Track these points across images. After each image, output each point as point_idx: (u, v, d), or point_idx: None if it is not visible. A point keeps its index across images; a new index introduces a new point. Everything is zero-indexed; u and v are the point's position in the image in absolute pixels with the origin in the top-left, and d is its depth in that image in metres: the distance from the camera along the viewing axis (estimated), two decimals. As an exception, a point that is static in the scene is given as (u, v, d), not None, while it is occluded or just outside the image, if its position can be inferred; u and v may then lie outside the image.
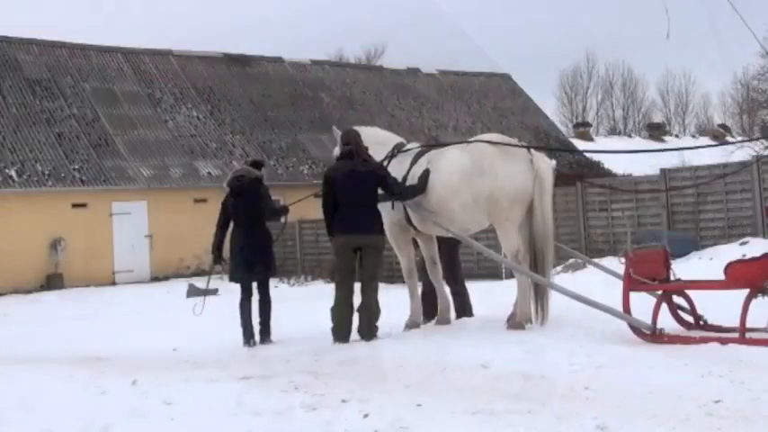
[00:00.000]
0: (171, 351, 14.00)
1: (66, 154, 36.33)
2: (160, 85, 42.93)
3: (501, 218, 11.70)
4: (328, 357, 11.32)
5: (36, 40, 41.94)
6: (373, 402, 8.46)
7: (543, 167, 11.71)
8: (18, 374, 12.29)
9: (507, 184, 11.53)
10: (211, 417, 8.45)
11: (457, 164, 11.94)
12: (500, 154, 11.72)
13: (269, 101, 45.40)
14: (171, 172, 37.83)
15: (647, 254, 11.03)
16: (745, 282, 10.03)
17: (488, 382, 9.17)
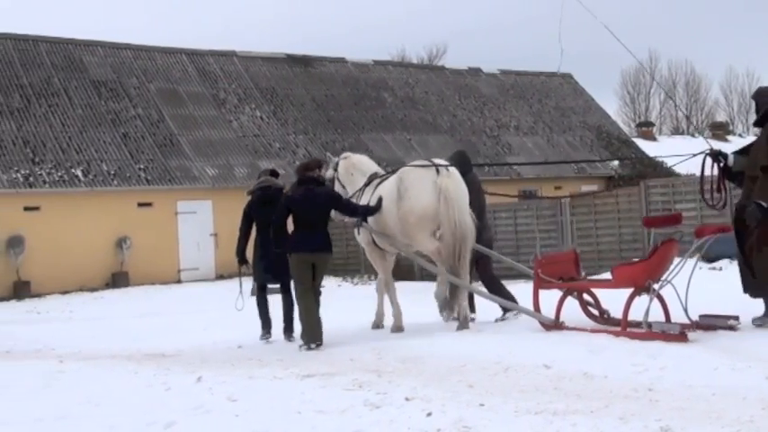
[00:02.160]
0: (236, 348, 14.09)
1: (131, 154, 36.64)
2: (224, 85, 43.15)
3: (411, 232, 13.33)
4: (391, 355, 11.34)
5: (101, 42, 42.32)
6: (436, 401, 8.46)
7: (448, 183, 13.07)
8: (83, 371, 12.44)
9: (415, 205, 13.15)
10: (275, 414, 8.48)
11: (388, 190, 13.72)
12: (412, 178, 13.37)
13: (332, 101, 45.48)
14: (235, 171, 37.99)
15: (557, 256, 12.92)
16: (628, 281, 11.41)
17: (551, 382, 9.14)
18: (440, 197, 12.99)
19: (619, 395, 8.34)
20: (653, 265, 11.43)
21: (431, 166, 13.42)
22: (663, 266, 11.48)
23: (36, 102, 36.97)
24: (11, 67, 38.13)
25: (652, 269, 11.40)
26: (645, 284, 11.28)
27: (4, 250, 32.59)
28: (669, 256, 11.53)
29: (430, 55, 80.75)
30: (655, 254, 11.48)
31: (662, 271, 11.47)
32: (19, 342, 18.47)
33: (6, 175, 33.22)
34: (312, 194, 13.34)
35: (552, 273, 12.30)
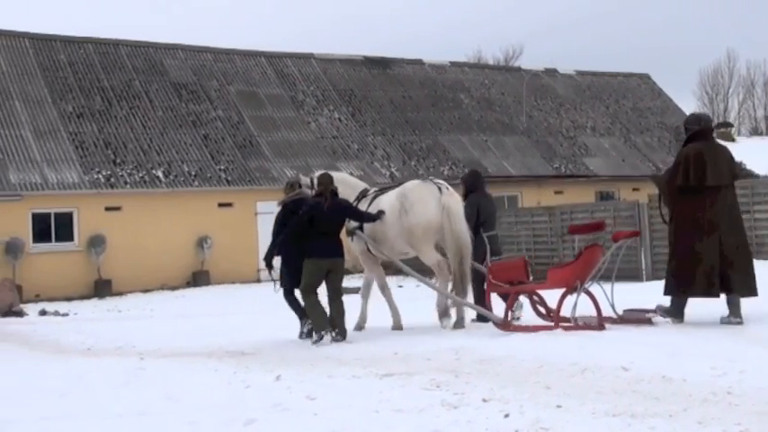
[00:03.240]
0: (314, 347, 14.12)
1: (211, 155, 36.96)
2: (303, 87, 43.38)
3: (418, 243, 14.95)
4: (468, 356, 11.31)
5: (181, 45, 42.79)
6: (514, 402, 8.42)
7: (450, 202, 14.73)
8: (164, 368, 12.55)
9: (422, 219, 14.78)
10: (354, 413, 8.49)
11: (390, 204, 15.17)
12: (418, 195, 14.95)
13: (409, 102, 45.50)
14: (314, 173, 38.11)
15: (507, 263, 14.29)
16: (560, 282, 13.00)
17: (629, 384, 9.05)
18: (443, 213, 14.62)
19: (697, 399, 8.23)
20: (579, 267, 12.98)
21: (433, 184, 15.07)
22: (589, 268, 12.98)
23: (117, 104, 37.48)
24: (92, 70, 38.71)
25: (579, 271, 12.94)
26: (574, 284, 12.87)
27: (86, 249, 33.06)
28: (594, 259, 13.05)
29: (506, 56, 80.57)
30: (580, 257, 13.10)
31: (588, 272, 12.97)
32: (100, 339, 18.70)
33: (88, 176, 33.70)
34: (333, 204, 14.61)
35: (503, 278, 13.76)
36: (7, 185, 32.15)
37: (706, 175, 12.57)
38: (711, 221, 12.55)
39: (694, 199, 12.66)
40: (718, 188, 12.68)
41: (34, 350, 18.02)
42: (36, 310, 27.61)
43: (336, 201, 14.73)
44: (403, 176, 39.41)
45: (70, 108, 36.36)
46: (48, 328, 22.49)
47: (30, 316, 26.56)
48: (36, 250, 32.60)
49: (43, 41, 39.24)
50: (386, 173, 39.45)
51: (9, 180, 32.34)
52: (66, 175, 33.48)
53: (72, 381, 11.69)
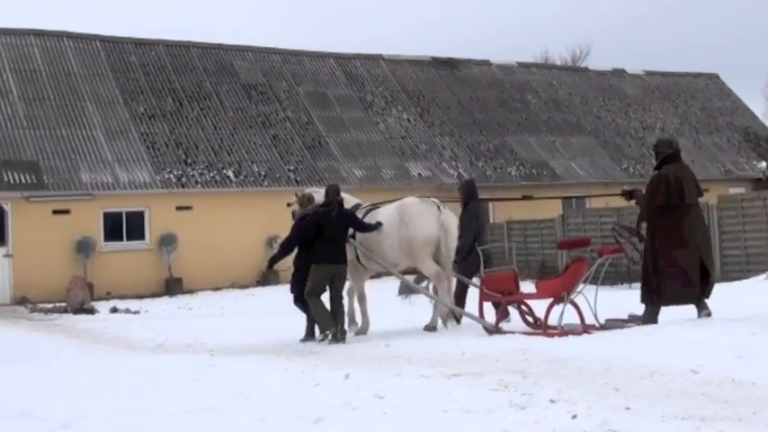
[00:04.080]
0: (383, 346, 14.16)
1: (281, 155, 37.14)
2: (371, 88, 43.45)
3: (417, 255, 16.12)
4: (536, 357, 11.28)
5: (251, 47, 43.01)
6: (582, 404, 8.38)
7: (448, 220, 16.23)
8: (234, 366, 12.63)
9: (421, 233, 16.03)
10: (422, 412, 8.49)
11: (388, 217, 16.33)
12: (417, 210, 16.20)
13: (477, 103, 45.40)
14: (383, 173, 38.20)
15: (499, 275, 15.32)
16: (548, 293, 14.23)
17: (698, 387, 8.98)
18: (441, 230, 16.09)
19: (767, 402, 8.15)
20: (567, 279, 14.12)
21: (432, 203, 16.45)
22: (575, 280, 14.11)
23: (188, 105, 37.78)
24: (164, 71, 39.06)
25: (566, 283, 14.05)
26: (561, 295, 13.99)
27: (157, 248, 33.39)
28: (580, 272, 14.15)
29: (573, 56, 79.92)
30: (567, 270, 14.29)
31: (575, 284, 14.11)
32: (171, 337, 18.90)
33: (160, 175, 34.02)
34: (339, 214, 15.86)
35: (494, 288, 14.91)
36: (79, 185, 32.54)
37: (684, 194, 13.95)
38: (689, 236, 13.86)
39: (674, 216, 13.88)
40: (691, 206, 14.10)
41: (105, 347, 18.26)
42: (107, 307, 27.90)
43: (342, 210, 16.01)
44: (470, 176, 39.43)
45: (141, 109, 36.71)
46: (119, 325, 22.78)
47: (101, 313, 26.88)
48: (107, 249, 32.95)
49: (114, 43, 39.62)
50: (453, 173, 39.40)
51: (81, 180, 32.73)
52: (137, 174, 33.81)
53: (143, 377, 11.81)
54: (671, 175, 14.02)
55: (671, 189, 13.92)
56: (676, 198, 13.90)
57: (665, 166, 14.23)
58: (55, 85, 36.13)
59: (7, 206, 31.53)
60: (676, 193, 13.92)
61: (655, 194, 14.02)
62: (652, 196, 14.07)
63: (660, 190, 13.96)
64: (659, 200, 13.92)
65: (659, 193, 13.95)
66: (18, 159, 32.47)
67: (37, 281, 30.97)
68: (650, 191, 14.17)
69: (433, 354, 12.62)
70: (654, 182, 14.17)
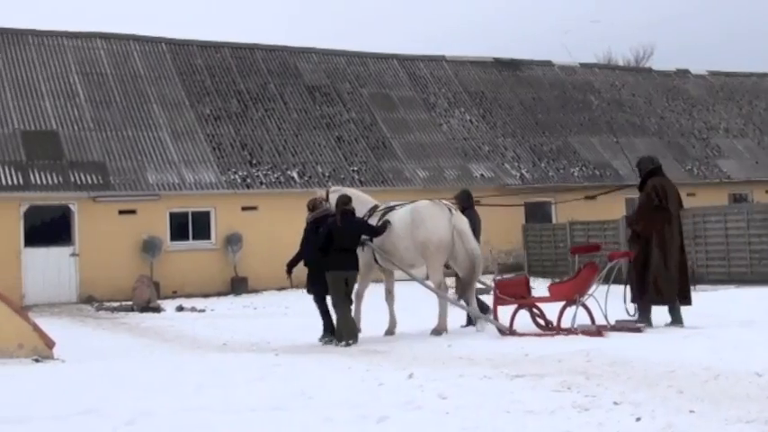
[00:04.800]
0: (446, 347, 14.16)
1: (345, 156, 37.22)
2: (434, 89, 43.40)
3: (430, 258, 16.48)
4: (600, 359, 11.22)
5: (315, 49, 43.12)
6: (645, 406, 8.34)
7: (459, 223, 16.58)
8: (298, 365, 12.70)
9: (433, 235, 16.37)
10: (485, 413, 8.49)
11: (402, 219, 16.77)
12: (429, 213, 16.60)
13: (539, 104, 45.18)
14: (446, 174, 38.13)
15: (512, 280, 16.56)
16: (560, 296, 15.10)
17: (763, 390, 8.89)
18: (454, 233, 16.42)
19: (835, 406, 8.06)
20: (579, 283, 15.00)
21: (443, 205, 16.84)
22: (587, 284, 14.94)
23: (253, 106, 37.99)
24: (229, 73, 39.30)
25: (578, 286, 14.93)
26: (573, 298, 14.79)
27: (223, 248, 33.61)
28: (591, 276, 14.98)
29: (636, 56, 79.20)
30: (579, 274, 15.15)
31: (586, 287, 14.91)
32: (236, 335, 19.04)
33: (225, 176, 34.24)
34: (350, 223, 16.41)
35: (508, 293, 15.62)
36: (146, 185, 32.85)
37: (667, 201, 15.58)
38: (670, 241, 15.47)
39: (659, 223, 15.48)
40: (672, 215, 15.67)
41: (171, 345, 18.42)
42: (173, 306, 28.12)
43: (350, 219, 16.47)
44: (533, 178, 39.29)
45: (207, 110, 36.97)
46: (184, 323, 22.97)
47: (167, 312, 27.11)
48: (173, 248, 33.21)
49: (180, 46, 39.95)
50: (516, 174, 39.28)
51: (147, 180, 33.02)
52: (203, 175, 34.04)
53: (208, 375, 11.91)
54: (657, 185, 15.74)
55: (658, 194, 15.58)
56: (664, 201, 15.57)
57: (650, 179, 15.95)
58: (121, 88, 36.49)
59: (74, 206, 31.87)
60: (661, 200, 15.57)
61: (649, 198, 15.65)
62: (647, 200, 15.70)
63: (652, 195, 15.60)
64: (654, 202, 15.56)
65: (651, 197, 15.61)
66: (85, 160, 32.83)
67: (103, 280, 31.32)
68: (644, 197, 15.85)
69: (496, 354, 12.61)
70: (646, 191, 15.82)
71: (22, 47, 36.47)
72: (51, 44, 37.19)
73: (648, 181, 15.91)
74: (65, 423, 9.13)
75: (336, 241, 16.24)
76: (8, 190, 30.83)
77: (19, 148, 32.30)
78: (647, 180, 15.97)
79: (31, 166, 31.76)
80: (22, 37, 36.94)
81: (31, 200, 31.30)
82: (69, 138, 33.45)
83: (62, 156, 32.60)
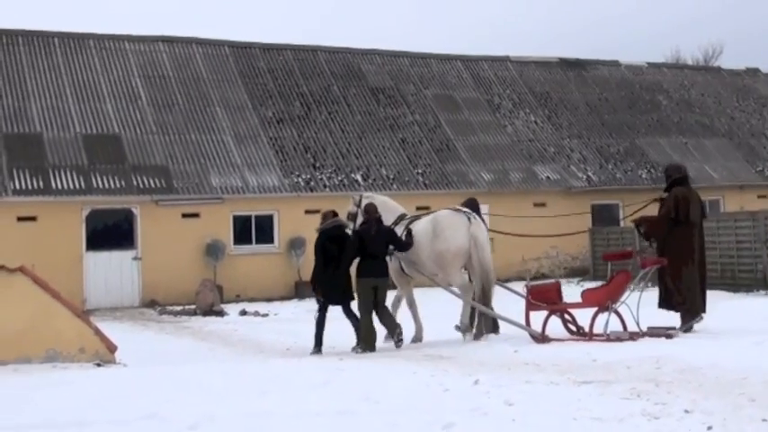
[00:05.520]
0: (512, 352, 14.09)
1: (409, 158, 37.20)
2: (498, 90, 43.26)
3: (447, 267, 16.99)
4: (670, 365, 11.10)
5: (378, 51, 43.17)
6: (717, 415, 8.23)
7: (477, 232, 16.95)
8: (363, 369, 12.70)
9: (452, 244, 16.85)
10: (552, 420, 8.43)
11: (423, 229, 17.29)
12: (449, 222, 17.06)
13: (606, 104, 44.87)
14: (511, 176, 37.99)
15: (543, 286, 16.77)
16: (593, 302, 15.45)
17: (838, 399, 8.74)
18: (471, 241, 16.81)
19: None
20: (612, 290, 15.54)
21: (463, 214, 17.20)
22: (620, 291, 15.50)
23: (316, 109, 38.10)
24: (291, 76, 39.46)
25: (611, 293, 15.45)
26: (606, 304, 15.29)
27: (286, 251, 33.73)
28: (624, 283, 15.57)
29: (705, 56, 78.38)
30: (612, 281, 15.71)
31: (619, 294, 15.46)
32: (299, 340, 19.07)
33: (288, 179, 34.36)
34: (378, 230, 16.96)
35: (540, 299, 15.96)
36: (209, 189, 33.06)
37: (689, 213, 16.21)
38: (693, 251, 16.24)
39: (682, 231, 16.17)
40: (695, 225, 16.37)
41: (234, 349, 18.50)
42: (236, 310, 28.26)
43: (380, 228, 17.09)
44: (600, 180, 39.00)
45: (270, 113, 37.14)
46: (247, 328, 23.08)
47: (230, 316, 27.26)
48: (237, 252, 33.40)
49: (243, 49, 40.20)
50: (582, 176, 39.05)
51: (211, 183, 33.23)
52: (266, 178, 34.20)
53: (272, 380, 11.94)
54: (680, 195, 16.28)
55: (679, 206, 16.17)
56: (683, 215, 16.16)
57: (674, 188, 16.49)
58: (184, 91, 36.79)
59: (136, 210, 32.12)
60: (683, 211, 16.18)
61: (668, 210, 16.25)
62: (665, 211, 16.27)
63: (670, 206, 16.21)
64: (671, 215, 16.13)
65: (669, 209, 16.22)
66: (148, 164, 33.09)
67: (166, 283, 31.57)
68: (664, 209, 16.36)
69: (563, 360, 12.52)
70: (666, 199, 16.41)
71: (83, 51, 36.92)
72: (113, 48, 37.57)
73: (672, 190, 16.51)
74: (126, 428, 9.20)
75: (368, 248, 16.78)
76: (70, 194, 31.08)
77: (81, 152, 32.59)
78: (672, 188, 16.56)
79: (93, 170, 32.04)
80: (83, 41, 37.40)
81: (93, 204, 31.54)
82: (132, 141, 33.75)
83: (124, 159, 32.89)
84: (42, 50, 36.31)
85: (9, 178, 30.73)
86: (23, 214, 30.62)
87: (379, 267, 16.91)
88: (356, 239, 16.98)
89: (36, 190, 30.79)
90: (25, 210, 30.64)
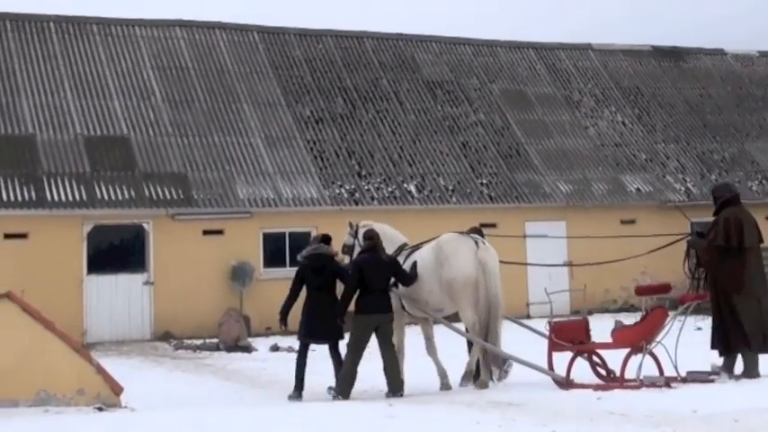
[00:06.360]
0: (594, 399, 14.00)
1: (471, 166, 37.10)
2: (578, 85, 43.12)
3: (458, 299, 17.15)
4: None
5: (435, 37, 43.10)
6: None
7: (486, 257, 17.19)
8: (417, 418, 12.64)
9: (458, 273, 17.02)
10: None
11: (425, 259, 17.46)
12: (453, 247, 17.32)
13: (708, 102, 44.60)
14: (593, 188, 37.80)
15: (569, 324, 17.03)
16: (625, 343, 15.80)
17: None
18: (479, 269, 17.05)
19: None
20: (646, 328, 15.87)
21: (469, 238, 17.54)
22: (655, 330, 15.85)
23: (362, 107, 38.12)
24: (333, 67, 39.49)
25: (645, 332, 15.79)
26: (639, 345, 15.61)
27: (326, 276, 33.68)
28: (659, 321, 15.93)
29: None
30: (646, 319, 16.02)
31: (654, 334, 15.81)
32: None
33: (329, 190, 34.35)
34: (380, 260, 17.17)
35: (565, 338, 16.32)
36: (235, 201, 33.11)
37: (743, 237, 16.27)
38: (748, 281, 16.22)
39: (735, 260, 16.25)
40: (752, 249, 16.47)
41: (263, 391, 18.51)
42: (266, 345, 28.21)
43: (383, 257, 17.30)
44: (701, 193, 38.65)
45: (307, 112, 37.18)
46: (279, 366, 23.01)
47: (259, 351, 27.26)
48: (267, 276, 33.32)
49: (275, 35, 40.23)
50: (680, 188, 38.78)
51: (237, 195, 33.28)
52: (302, 189, 34.20)
53: (310, 429, 11.90)
54: (731, 218, 16.42)
55: (730, 231, 16.27)
56: (735, 240, 16.23)
57: (724, 210, 16.68)
58: (205, 85, 36.91)
59: (149, 225, 32.24)
60: (737, 235, 16.26)
61: (714, 236, 16.41)
62: (713, 237, 16.44)
63: (719, 231, 16.35)
64: (718, 241, 16.25)
65: (717, 235, 16.34)
66: (162, 171, 33.21)
67: (183, 313, 31.56)
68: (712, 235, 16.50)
69: (656, 410, 12.48)
70: (714, 224, 16.63)
71: (85, 38, 37.09)
72: (121, 34, 37.73)
73: (722, 212, 16.69)
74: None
75: (370, 280, 16.96)
76: (68, 206, 31.19)
77: (82, 157, 32.74)
78: (721, 211, 16.73)
79: (96, 179, 32.18)
80: (85, 26, 37.53)
81: (97, 218, 31.67)
82: (143, 144, 33.91)
83: (134, 166, 33.06)
84: (36, 37, 36.47)
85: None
86: (12, 230, 30.70)
87: (383, 302, 17.15)
88: (356, 271, 17.16)
89: (27, 202, 30.95)
90: (14, 225, 30.72)
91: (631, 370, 15.38)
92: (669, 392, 14.35)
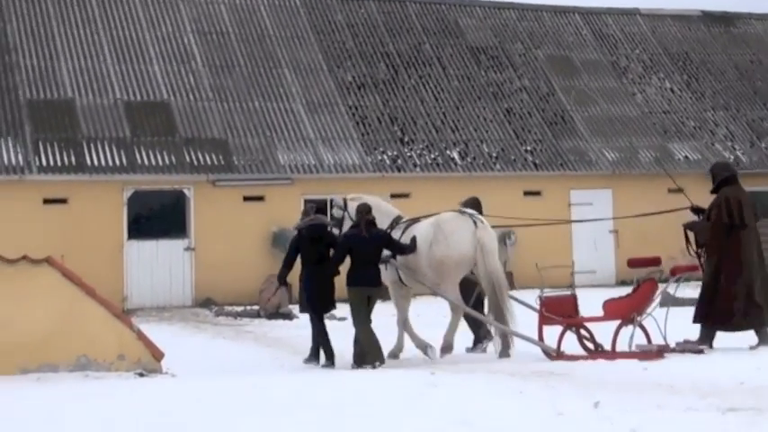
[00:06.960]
0: (641, 370, 13.99)
1: (516, 133, 37.01)
2: (626, 51, 42.88)
3: (444, 276, 17.59)
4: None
5: (480, 2, 42.83)
6: None
7: (484, 236, 17.52)
8: (460, 386, 12.67)
9: (454, 251, 17.44)
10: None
11: (423, 233, 17.74)
12: (453, 226, 17.64)
13: (759, 69, 44.21)
14: (640, 155, 37.63)
15: (558, 298, 17.26)
16: (616, 315, 16.25)
17: None
18: (477, 248, 17.39)
19: None
20: (636, 300, 16.30)
21: (468, 217, 17.81)
22: (645, 302, 16.27)
23: (405, 72, 38.07)
24: (375, 32, 39.42)
25: (636, 304, 16.21)
26: (630, 317, 16.03)
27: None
28: (650, 293, 16.33)
29: None
30: (637, 291, 16.46)
31: (644, 305, 16.23)
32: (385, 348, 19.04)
33: (371, 156, 34.36)
34: (370, 234, 17.36)
35: (555, 312, 16.73)
36: (276, 167, 33.16)
37: (743, 215, 16.80)
38: (746, 258, 16.70)
39: (732, 238, 16.76)
40: (750, 228, 16.97)
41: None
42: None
43: (374, 231, 17.51)
44: (751, 161, 38.49)
45: (349, 77, 37.16)
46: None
47: (300, 319, 27.26)
48: (308, 244, 33.32)
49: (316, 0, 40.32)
50: (729, 156, 38.47)
51: (278, 161, 33.33)
52: (344, 155, 34.22)
53: (349, 395, 11.99)
54: (730, 196, 16.98)
55: (731, 210, 16.79)
56: (737, 219, 16.77)
57: (723, 188, 17.24)
58: (246, 50, 36.93)
59: (189, 191, 32.39)
60: (738, 213, 16.80)
61: (718, 214, 16.90)
62: (717, 216, 16.90)
63: (721, 210, 16.86)
64: (723, 219, 16.73)
65: (721, 213, 16.84)
66: (203, 137, 33.30)
67: (224, 280, 31.67)
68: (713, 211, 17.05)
69: (703, 381, 12.43)
70: (715, 203, 17.11)
71: (124, 2, 37.01)
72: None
73: (720, 191, 17.25)
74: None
75: (359, 254, 17.32)
76: (108, 172, 31.41)
77: (122, 122, 32.88)
78: (720, 189, 17.29)
79: (136, 144, 32.35)
80: (125, -9, 37.53)
81: (137, 184, 31.87)
82: (183, 110, 34.01)
83: (175, 131, 33.19)
84: (75, 1, 36.50)
85: (34, 153, 31.05)
86: (51, 196, 30.93)
87: (371, 275, 17.43)
88: (345, 245, 17.57)
89: (67, 167, 31.14)
90: (53, 190, 30.94)
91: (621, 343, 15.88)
92: (716, 363, 14.28)
